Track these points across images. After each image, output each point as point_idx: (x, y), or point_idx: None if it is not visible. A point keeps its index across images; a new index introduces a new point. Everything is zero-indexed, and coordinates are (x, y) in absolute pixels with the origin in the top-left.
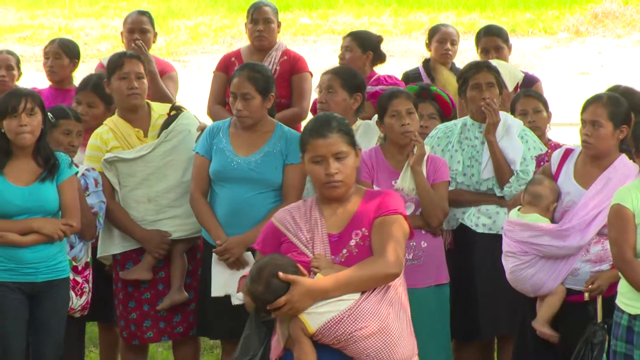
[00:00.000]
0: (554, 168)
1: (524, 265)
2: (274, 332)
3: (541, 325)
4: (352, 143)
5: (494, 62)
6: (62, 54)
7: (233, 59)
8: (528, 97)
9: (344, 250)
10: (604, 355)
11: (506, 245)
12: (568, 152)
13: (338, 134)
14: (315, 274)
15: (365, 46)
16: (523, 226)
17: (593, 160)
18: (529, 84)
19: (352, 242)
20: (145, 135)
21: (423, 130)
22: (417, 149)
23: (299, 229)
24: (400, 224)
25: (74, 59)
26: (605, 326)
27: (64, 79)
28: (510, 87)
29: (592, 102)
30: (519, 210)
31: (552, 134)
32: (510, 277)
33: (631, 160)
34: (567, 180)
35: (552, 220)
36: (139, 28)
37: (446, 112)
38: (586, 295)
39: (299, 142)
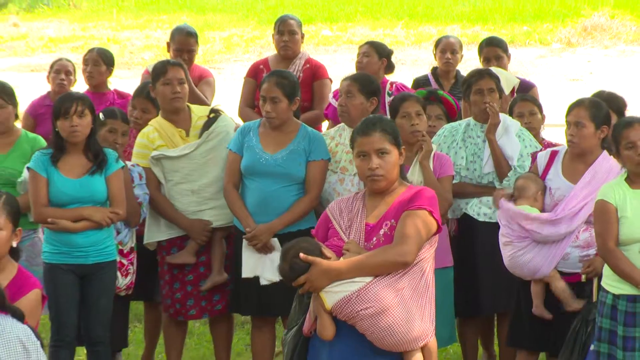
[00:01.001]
0: (540, 168)
1: (520, 252)
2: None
3: (540, 310)
4: (396, 143)
5: (498, 70)
6: (100, 61)
7: (261, 66)
8: (524, 101)
9: (374, 239)
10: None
11: (503, 234)
12: (554, 154)
13: (381, 133)
14: (342, 255)
15: (381, 53)
16: (519, 215)
17: (578, 158)
18: (526, 89)
19: (382, 232)
20: (187, 135)
21: (431, 129)
22: (425, 147)
23: (342, 218)
24: (423, 219)
25: (110, 66)
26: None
27: (100, 83)
28: (507, 91)
29: (576, 106)
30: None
31: (546, 133)
32: (509, 264)
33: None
34: (556, 177)
35: (542, 209)
36: (186, 49)
37: (452, 114)
38: (583, 277)
39: (349, 140)
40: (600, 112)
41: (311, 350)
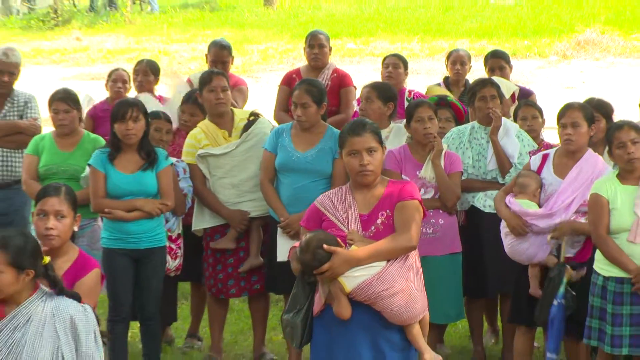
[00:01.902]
0: (534, 166)
1: (518, 241)
2: (316, 290)
3: (535, 291)
4: (380, 142)
5: (498, 80)
6: (149, 71)
7: (294, 75)
8: (528, 106)
9: (372, 227)
10: (561, 287)
11: (504, 226)
12: (545, 156)
13: (370, 134)
14: (350, 245)
15: (406, 66)
16: (522, 212)
17: (567, 156)
18: (526, 95)
19: (379, 221)
20: (230, 135)
21: (441, 130)
22: (436, 147)
23: (336, 210)
24: (417, 208)
25: (156, 75)
26: (566, 266)
27: (149, 90)
28: (507, 97)
29: (568, 109)
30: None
31: (545, 135)
32: (509, 251)
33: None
34: (548, 175)
35: (539, 203)
36: (220, 60)
37: (460, 117)
38: (548, 237)
39: (338, 140)
40: (589, 113)
41: (318, 327)
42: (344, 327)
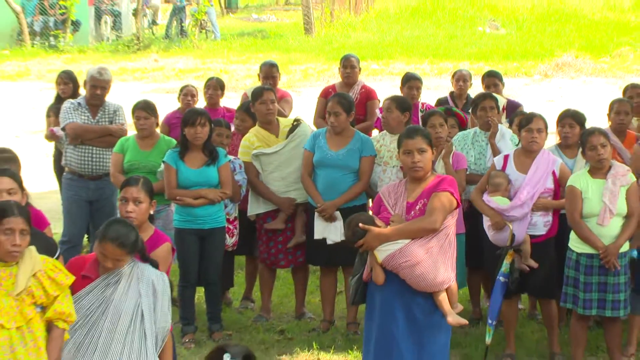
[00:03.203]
0: (499, 167)
1: (499, 232)
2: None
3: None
4: (430, 145)
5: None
6: (218, 87)
7: (330, 90)
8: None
9: (412, 212)
10: (503, 267)
11: (487, 220)
12: (506, 157)
13: (421, 137)
14: (389, 224)
15: (422, 84)
16: (499, 209)
17: (525, 155)
18: (515, 107)
19: (417, 207)
20: (277, 137)
21: (448, 135)
22: (446, 148)
23: (390, 197)
24: (447, 198)
25: (223, 90)
26: (511, 249)
27: (216, 102)
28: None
29: (533, 118)
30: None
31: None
32: (492, 239)
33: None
34: (512, 172)
35: (510, 197)
36: (270, 76)
37: (462, 124)
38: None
39: (397, 141)
40: (546, 122)
41: (368, 290)
42: (381, 292)
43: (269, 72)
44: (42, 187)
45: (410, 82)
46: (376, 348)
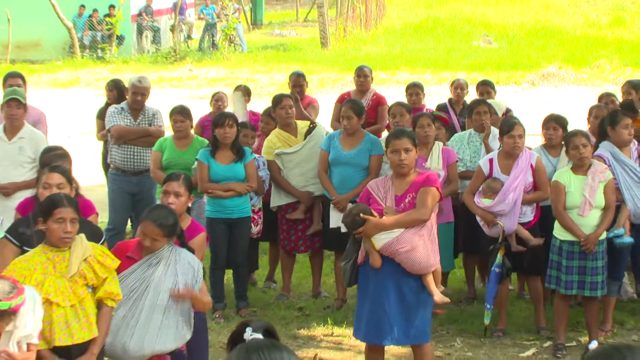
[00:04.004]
0: (485, 170)
1: (491, 227)
2: (361, 246)
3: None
4: (415, 144)
5: (492, 101)
6: (245, 94)
7: (346, 96)
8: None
9: (402, 205)
10: (497, 259)
11: (480, 219)
12: (491, 160)
13: (407, 138)
14: (383, 215)
15: (423, 91)
16: (488, 208)
17: (507, 157)
18: (506, 112)
19: (407, 200)
20: (296, 137)
21: (437, 134)
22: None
23: (379, 191)
24: (434, 193)
25: (250, 96)
26: (503, 245)
27: (244, 107)
28: (499, 114)
29: (514, 125)
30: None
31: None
32: (487, 232)
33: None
34: (498, 174)
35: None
36: (298, 84)
37: (446, 123)
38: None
39: (385, 141)
40: (523, 128)
41: (361, 272)
42: (377, 274)
43: (297, 81)
44: (91, 181)
45: (412, 89)
46: (368, 323)
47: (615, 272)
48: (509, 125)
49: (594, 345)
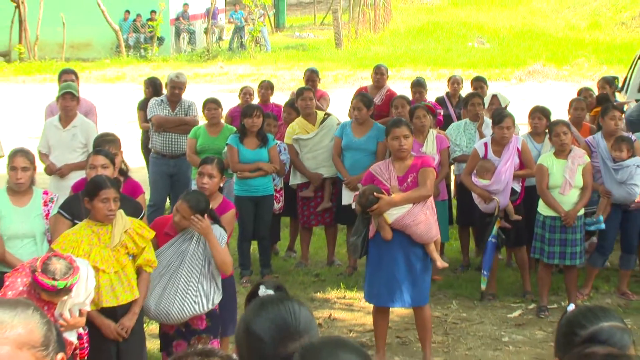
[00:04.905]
0: (481, 152)
1: (487, 203)
2: (370, 222)
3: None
4: (411, 131)
5: (499, 94)
6: (268, 87)
7: (363, 90)
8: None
9: (404, 184)
10: (493, 230)
11: (476, 197)
12: (485, 144)
13: (405, 126)
14: (390, 194)
15: (426, 88)
16: (485, 187)
17: (499, 144)
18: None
19: (409, 180)
20: (315, 125)
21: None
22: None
23: (383, 173)
24: (433, 172)
25: (273, 90)
26: (498, 217)
27: (267, 100)
28: (503, 105)
29: (504, 118)
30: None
31: None
32: (482, 208)
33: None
34: (491, 156)
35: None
36: (311, 79)
37: (433, 112)
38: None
39: (385, 129)
40: (513, 119)
41: (372, 245)
42: (388, 245)
43: (310, 76)
44: (133, 164)
45: (415, 87)
46: (381, 288)
47: (603, 247)
48: (499, 117)
49: (571, 307)
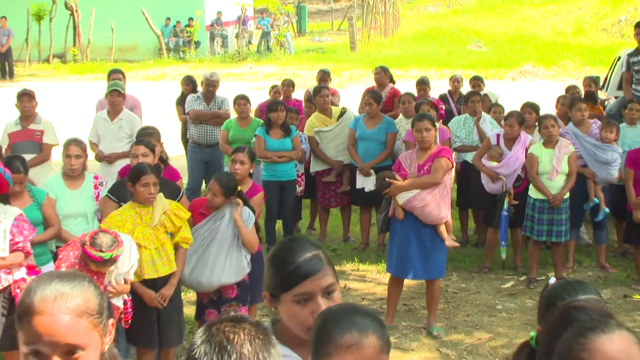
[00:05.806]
0: (493, 141)
1: (493, 183)
2: (391, 203)
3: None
4: (434, 125)
5: (488, 92)
6: (290, 85)
7: (370, 89)
8: (497, 106)
9: (422, 171)
10: (504, 204)
11: (484, 176)
12: (498, 135)
13: (427, 120)
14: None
15: (429, 86)
16: (493, 168)
17: (506, 136)
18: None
19: (425, 167)
20: (330, 119)
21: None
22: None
23: (406, 161)
24: (446, 162)
25: (293, 87)
26: (507, 193)
27: (289, 96)
28: (493, 101)
29: (510, 117)
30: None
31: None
32: (488, 188)
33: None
34: (503, 147)
35: (499, 161)
36: (323, 79)
37: (436, 107)
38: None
39: (411, 124)
40: (521, 119)
41: (392, 223)
42: (402, 224)
43: (323, 76)
44: (173, 153)
45: (420, 85)
46: (397, 262)
47: (575, 220)
48: (508, 115)
49: (552, 280)
